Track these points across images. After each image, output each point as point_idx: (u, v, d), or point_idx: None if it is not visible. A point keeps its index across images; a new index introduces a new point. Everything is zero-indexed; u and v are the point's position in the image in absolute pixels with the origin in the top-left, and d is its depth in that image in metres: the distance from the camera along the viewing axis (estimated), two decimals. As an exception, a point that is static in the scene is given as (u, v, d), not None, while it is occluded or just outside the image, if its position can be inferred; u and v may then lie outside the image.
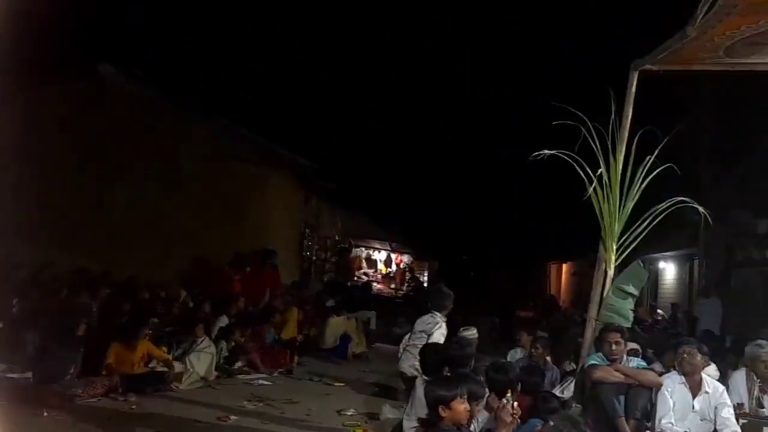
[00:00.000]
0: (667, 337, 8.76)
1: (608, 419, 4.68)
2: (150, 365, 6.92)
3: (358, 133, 22.04)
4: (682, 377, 4.85)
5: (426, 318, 6.02)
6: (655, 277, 16.20)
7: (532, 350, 6.32)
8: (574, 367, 5.73)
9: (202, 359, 7.32)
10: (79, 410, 5.68)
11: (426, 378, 4.51)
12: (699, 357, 4.91)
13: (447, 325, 6.11)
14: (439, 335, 5.78)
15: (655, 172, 5.14)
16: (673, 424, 4.70)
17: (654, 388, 4.84)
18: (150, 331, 7.10)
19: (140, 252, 10.21)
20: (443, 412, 3.33)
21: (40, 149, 10.49)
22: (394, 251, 20.54)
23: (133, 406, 6.01)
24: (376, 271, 20.04)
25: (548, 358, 6.41)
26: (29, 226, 9.94)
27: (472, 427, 3.73)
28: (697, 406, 4.79)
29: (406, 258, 21.32)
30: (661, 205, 5.15)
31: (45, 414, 5.43)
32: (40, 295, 8.03)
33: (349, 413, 6.40)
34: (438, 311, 6.01)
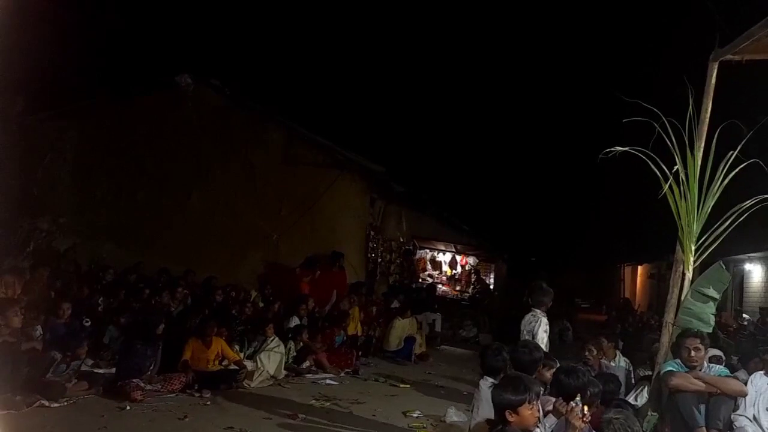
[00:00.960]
0: (754, 344, 8.24)
1: (687, 429, 4.44)
2: (223, 363, 7.20)
3: (424, 136, 22.07)
4: None
5: (528, 318, 5.89)
6: (740, 279, 15.20)
7: (586, 353, 6.06)
8: (650, 373, 5.48)
9: (272, 358, 7.54)
10: (158, 404, 6.01)
11: (491, 379, 4.43)
12: None
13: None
14: (543, 334, 5.67)
15: (737, 169, 4.83)
16: (750, 420, 4.42)
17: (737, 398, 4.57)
18: (220, 329, 7.36)
19: (216, 254, 10.71)
20: (510, 417, 3.27)
21: (126, 159, 11.29)
22: (459, 253, 20.26)
23: (208, 402, 6.27)
24: (440, 273, 19.84)
25: (602, 361, 6.16)
26: (118, 230, 10.73)
27: (539, 432, 3.64)
28: None
29: (471, 260, 20.99)
30: (745, 202, 4.83)
31: (128, 407, 5.78)
32: (124, 295, 8.54)
33: (414, 415, 6.41)
34: (538, 308, 5.88)
